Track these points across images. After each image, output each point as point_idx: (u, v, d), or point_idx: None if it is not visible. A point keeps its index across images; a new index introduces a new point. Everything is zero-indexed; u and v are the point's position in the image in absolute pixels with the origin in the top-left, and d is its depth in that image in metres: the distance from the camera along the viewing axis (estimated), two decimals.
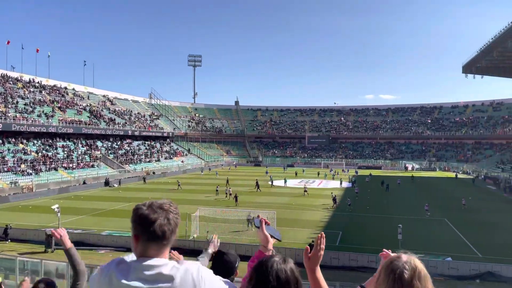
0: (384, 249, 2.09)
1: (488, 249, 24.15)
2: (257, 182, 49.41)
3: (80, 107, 77.32)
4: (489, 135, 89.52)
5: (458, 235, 27.98)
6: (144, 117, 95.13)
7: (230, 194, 42.24)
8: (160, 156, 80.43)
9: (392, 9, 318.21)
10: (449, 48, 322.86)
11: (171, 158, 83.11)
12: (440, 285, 18.83)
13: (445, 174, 76.72)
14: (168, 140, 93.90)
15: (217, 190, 44.99)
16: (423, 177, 68.77)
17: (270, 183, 55.46)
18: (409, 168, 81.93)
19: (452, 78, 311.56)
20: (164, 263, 1.80)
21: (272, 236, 2.47)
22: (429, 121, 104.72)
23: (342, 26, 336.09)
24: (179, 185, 50.59)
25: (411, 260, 1.58)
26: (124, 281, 1.72)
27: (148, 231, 1.79)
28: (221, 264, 2.65)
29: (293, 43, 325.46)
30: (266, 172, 71.09)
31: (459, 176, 70.46)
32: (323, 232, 2.24)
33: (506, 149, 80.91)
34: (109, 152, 69.97)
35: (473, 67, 67.46)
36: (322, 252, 2.10)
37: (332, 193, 42.05)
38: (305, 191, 46.40)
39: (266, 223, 2.48)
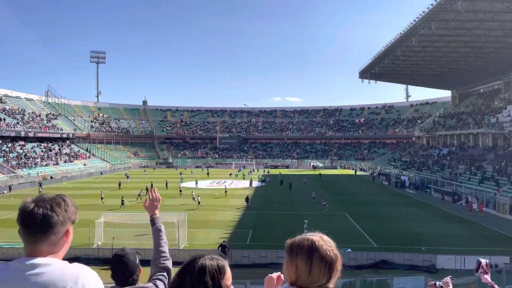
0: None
1: (382, 239, 26.61)
2: (149, 187, 48.23)
3: None
4: (382, 136, 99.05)
5: (356, 227, 30.38)
6: (39, 116, 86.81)
7: (102, 198, 41.27)
8: (59, 159, 74.14)
9: (297, 17, 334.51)
10: (348, 55, 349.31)
11: (72, 161, 77.09)
12: (341, 276, 20.24)
13: (345, 171, 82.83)
14: (68, 141, 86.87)
15: (139, 194, 43.50)
16: (326, 174, 73.35)
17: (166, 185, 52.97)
18: (316, 167, 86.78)
19: (350, 83, 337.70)
20: (48, 262, 1.62)
21: None
22: (331, 122, 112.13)
23: (252, 30, 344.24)
24: (39, 191, 47.07)
25: (317, 235, 1.76)
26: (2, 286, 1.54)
27: (26, 223, 1.66)
28: (124, 267, 2.48)
29: (203, 44, 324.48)
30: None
31: (358, 173, 76.90)
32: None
33: (396, 148, 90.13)
34: None
35: (368, 73, 73.77)
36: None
37: (197, 193, 43.02)
38: (194, 198, 41.40)
39: None
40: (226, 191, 46.83)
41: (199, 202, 38.55)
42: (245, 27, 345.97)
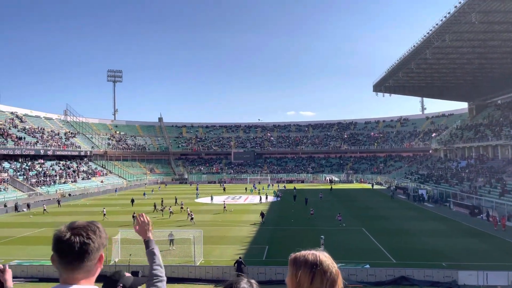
0: None
1: (401, 255, 26.06)
2: (157, 203, 48.46)
3: None
4: (398, 149, 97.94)
5: (374, 242, 29.83)
6: (58, 135, 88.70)
7: (105, 215, 42.02)
8: (77, 177, 75.32)
9: (312, 32, 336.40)
10: (361, 69, 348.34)
11: (90, 179, 78.22)
12: None
13: (361, 185, 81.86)
14: (86, 159, 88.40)
15: (162, 210, 44.34)
16: (343, 189, 72.58)
17: (178, 202, 52.51)
18: (332, 181, 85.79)
19: (364, 96, 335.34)
20: None
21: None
22: (346, 136, 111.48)
23: (265, 45, 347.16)
24: (44, 209, 47.44)
25: (320, 251, 1.84)
26: None
27: (64, 252, 1.70)
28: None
29: (217, 60, 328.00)
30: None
31: (375, 187, 75.97)
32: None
33: (412, 161, 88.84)
34: (18, 173, 63.94)
35: (382, 86, 73.48)
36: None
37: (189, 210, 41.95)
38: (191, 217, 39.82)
39: None
40: (224, 207, 46.55)
41: (191, 218, 38.40)
42: (259, 43, 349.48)
